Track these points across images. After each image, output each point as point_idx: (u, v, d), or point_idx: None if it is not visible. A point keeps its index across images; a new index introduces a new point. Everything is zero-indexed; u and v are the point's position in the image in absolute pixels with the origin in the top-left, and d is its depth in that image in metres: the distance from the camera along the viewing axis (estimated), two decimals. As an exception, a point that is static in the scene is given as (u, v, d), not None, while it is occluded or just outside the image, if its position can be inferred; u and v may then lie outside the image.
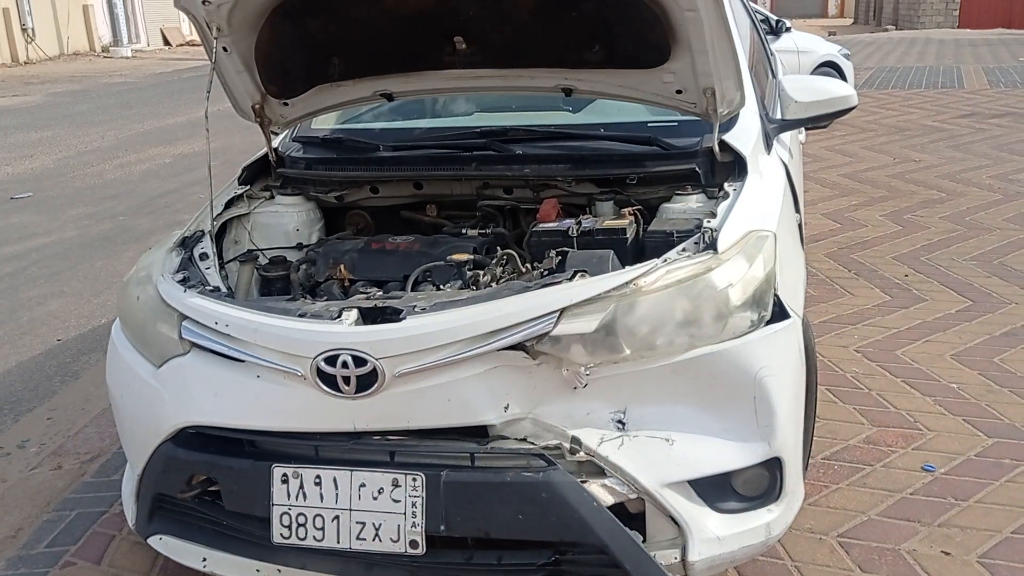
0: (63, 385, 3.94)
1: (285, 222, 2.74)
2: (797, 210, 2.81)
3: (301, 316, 2.01)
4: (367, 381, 1.91)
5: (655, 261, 2.02)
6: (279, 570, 2.08)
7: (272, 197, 2.80)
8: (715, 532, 1.96)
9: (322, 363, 1.92)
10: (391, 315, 1.96)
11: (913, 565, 2.34)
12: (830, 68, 9.66)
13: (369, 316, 1.98)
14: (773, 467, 2.01)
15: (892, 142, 8.30)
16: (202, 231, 2.53)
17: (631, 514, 1.96)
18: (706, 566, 1.97)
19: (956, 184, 6.56)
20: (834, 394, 3.31)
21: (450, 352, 1.90)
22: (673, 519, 1.94)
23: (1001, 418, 3.07)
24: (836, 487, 2.71)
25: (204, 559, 2.16)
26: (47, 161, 9.44)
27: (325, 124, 3.11)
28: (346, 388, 1.92)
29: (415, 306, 1.98)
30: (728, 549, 1.98)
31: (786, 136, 3.08)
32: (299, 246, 2.71)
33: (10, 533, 2.74)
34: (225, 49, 2.54)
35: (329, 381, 1.93)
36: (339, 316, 1.98)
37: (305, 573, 2.07)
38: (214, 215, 2.58)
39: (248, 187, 2.81)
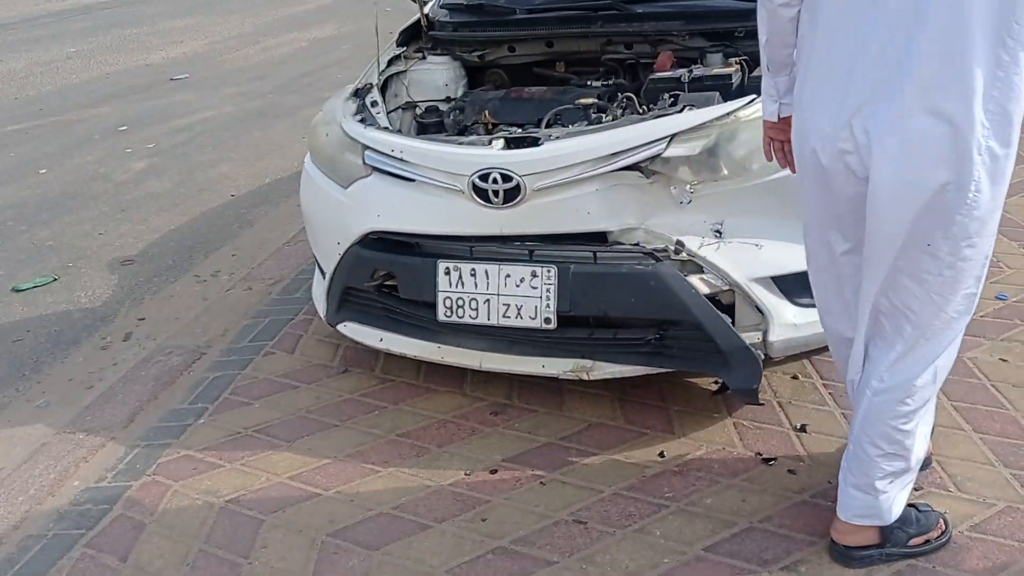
0: (241, 230, 4.62)
1: (436, 78, 3.22)
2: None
3: (459, 144, 2.50)
4: (512, 194, 2.40)
5: (754, 96, 2.40)
6: (439, 347, 2.65)
7: (424, 57, 3.27)
8: (792, 320, 2.39)
9: (476, 179, 2.41)
10: (531, 142, 2.42)
11: (972, 368, 2.72)
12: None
13: (513, 143, 2.45)
14: (845, 270, 2.41)
15: None
16: (371, 84, 3.03)
17: (724, 305, 2.41)
18: (783, 346, 2.41)
19: None
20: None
21: (579, 170, 2.36)
22: (758, 308, 2.38)
23: (1080, 261, 3.34)
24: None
25: (381, 339, 2.74)
26: (196, 46, 10.18)
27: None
28: (495, 200, 2.41)
29: (550, 135, 2.44)
30: (802, 334, 2.41)
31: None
32: (448, 99, 3.19)
33: (219, 332, 3.41)
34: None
35: (482, 194, 2.42)
36: (489, 143, 2.46)
37: (459, 350, 2.63)
38: (380, 70, 3.08)
39: (404, 48, 3.28)
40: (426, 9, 3.37)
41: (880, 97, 1.67)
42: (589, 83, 2.99)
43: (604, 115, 2.71)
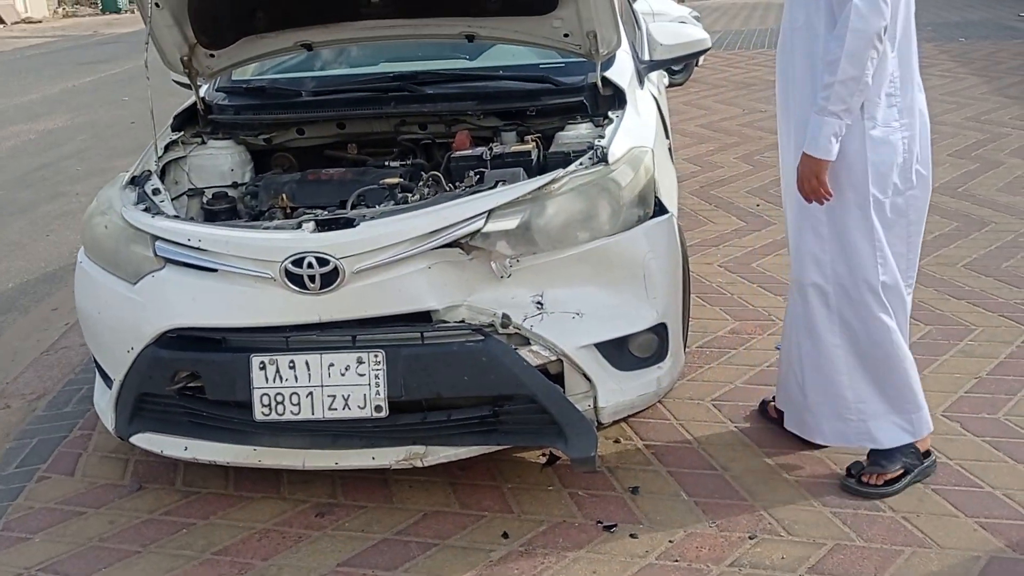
0: (-15, 342, 4.08)
1: (220, 163, 3.04)
2: (667, 135, 3.31)
3: (267, 229, 2.35)
4: (329, 279, 2.28)
5: (560, 171, 2.46)
6: (255, 449, 2.44)
7: (204, 142, 3.09)
8: (618, 384, 2.44)
9: (290, 265, 2.27)
10: (345, 223, 2.33)
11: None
12: (682, 30, 10.33)
13: (326, 226, 2.34)
14: (660, 331, 2.50)
15: (740, 96, 9.02)
16: (148, 171, 2.80)
17: (552, 375, 2.41)
18: (612, 410, 2.45)
19: (797, 129, 7.29)
20: (704, 299, 3.87)
21: (399, 251, 2.29)
22: (585, 375, 2.40)
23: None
24: (708, 366, 3.25)
25: (186, 447, 2.48)
26: (-96, 141, 9.06)
27: (243, 76, 3.39)
28: (311, 285, 2.28)
29: (365, 215, 2.36)
30: (628, 397, 2.47)
31: (654, 76, 3.58)
32: (234, 184, 3.01)
33: (-24, 461, 2.95)
34: (157, 4, 2.80)
35: (296, 280, 2.28)
36: (299, 227, 2.33)
37: (278, 450, 2.43)
38: (157, 156, 2.86)
39: (180, 133, 3.08)
40: (201, 92, 3.19)
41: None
42: (387, 164, 2.94)
43: (410, 194, 2.66)
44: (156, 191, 2.69)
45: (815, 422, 2.56)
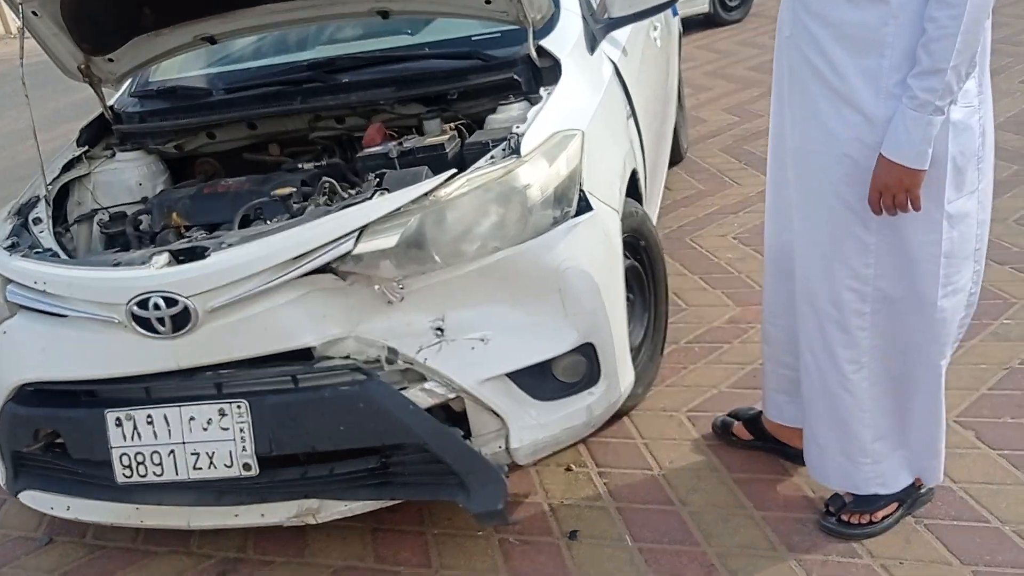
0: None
1: (126, 177, 2.76)
2: (631, 106, 2.86)
3: (115, 265, 2.06)
4: (182, 320, 1.97)
5: (455, 171, 2.08)
6: (137, 508, 2.18)
7: (114, 155, 2.82)
8: (535, 419, 2.07)
9: (135, 307, 1.97)
10: (199, 254, 2.01)
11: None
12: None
13: (180, 257, 2.03)
14: (588, 352, 2.11)
15: (799, 29, 8.30)
16: (37, 196, 2.55)
17: (457, 413, 2.06)
18: (530, 450, 2.08)
19: (854, 64, 6.60)
20: (706, 281, 3.42)
21: (258, 282, 1.96)
22: (494, 412, 2.03)
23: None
24: (693, 367, 2.84)
25: (68, 507, 2.25)
26: (-44, 149, 9.25)
27: (161, 76, 3.09)
28: (163, 329, 1.98)
29: (223, 242, 2.04)
30: (550, 433, 2.09)
31: (622, 35, 3.10)
32: (144, 200, 2.73)
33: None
34: (35, 13, 2.52)
35: (145, 324, 1.99)
36: (149, 260, 2.03)
37: (161, 508, 2.17)
38: (48, 180, 2.60)
39: (87, 148, 2.81)
40: (111, 101, 2.92)
41: None
42: (300, 165, 2.61)
43: (308, 204, 2.33)
44: (37, 220, 2.43)
45: (820, 461, 2.09)
